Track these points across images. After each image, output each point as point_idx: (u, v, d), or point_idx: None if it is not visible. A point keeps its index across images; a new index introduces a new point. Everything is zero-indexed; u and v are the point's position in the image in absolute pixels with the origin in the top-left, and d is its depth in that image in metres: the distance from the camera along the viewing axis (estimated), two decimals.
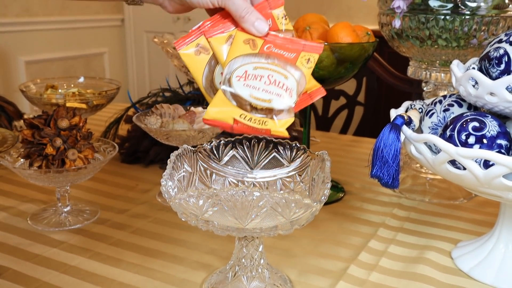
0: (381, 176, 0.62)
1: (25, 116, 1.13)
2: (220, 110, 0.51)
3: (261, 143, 0.66)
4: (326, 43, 0.79)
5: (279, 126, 0.51)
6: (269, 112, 0.51)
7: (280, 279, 0.63)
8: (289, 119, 0.52)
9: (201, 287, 0.64)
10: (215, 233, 0.54)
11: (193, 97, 1.11)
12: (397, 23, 0.82)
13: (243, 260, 0.60)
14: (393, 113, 0.70)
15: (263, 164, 0.66)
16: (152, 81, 3.55)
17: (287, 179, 0.65)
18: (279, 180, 0.65)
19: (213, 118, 0.51)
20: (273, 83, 0.51)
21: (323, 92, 0.55)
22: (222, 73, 0.52)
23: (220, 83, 0.53)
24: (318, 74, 0.81)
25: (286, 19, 0.56)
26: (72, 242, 0.74)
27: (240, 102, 0.51)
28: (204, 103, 1.08)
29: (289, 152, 0.65)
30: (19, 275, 0.66)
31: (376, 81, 1.65)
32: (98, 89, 1.15)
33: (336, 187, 0.95)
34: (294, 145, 0.65)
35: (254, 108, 0.51)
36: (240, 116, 0.51)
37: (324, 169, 0.59)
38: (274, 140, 0.66)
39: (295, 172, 0.65)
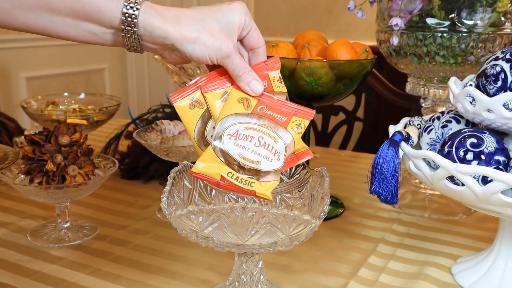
0: (380, 192, 0.62)
1: (26, 133, 1.14)
2: (208, 166, 0.52)
3: None
4: (325, 60, 0.80)
5: (265, 189, 0.52)
6: (256, 173, 0.52)
7: None
8: (274, 182, 0.53)
9: None
10: (215, 249, 0.54)
11: None
12: (395, 40, 0.83)
13: (243, 276, 0.60)
14: (392, 129, 0.70)
15: None
16: (152, 97, 3.57)
17: (287, 195, 0.65)
18: (279, 196, 0.65)
19: (200, 172, 0.52)
20: (262, 145, 0.52)
21: (310, 154, 0.56)
22: (214, 128, 0.53)
23: (211, 137, 0.54)
24: (318, 91, 0.81)
25: (281, 81, 0.57)
26: (72, 258, 0.74)
27: (228, 160, 0.52)
28: None
29: (288, 168, 0.66)
30: None
31: (375, 97, 1.66)
32: (98, 105, 1.16)
33: (336, 202, 0.95)
34: None
35: (241, 168, 0.52)
36: (228, 174, 0.52)
37: (323, 185, 0.59)
38: None
39: (295, 188, 0.65)
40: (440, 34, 0.82)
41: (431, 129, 0.68)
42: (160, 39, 0.51)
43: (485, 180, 0.56)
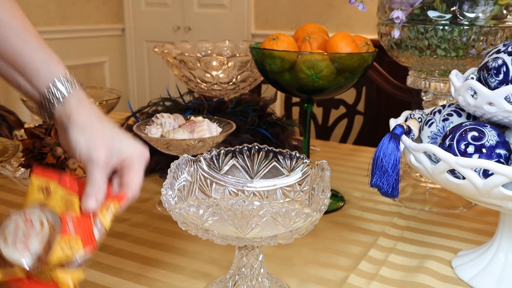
0: (381, 186, 0.62)
1: (26, 126, 1.14)
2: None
3: (261, 153, 0.66)
4: (325, 53, 0.80)
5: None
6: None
7: None
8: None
9: None
10: (215, 242, 0.54)
11: (193, 107, 1.11)
12: (396, 33, 0.82)
13: (243, 269, 0.60)
14: (393, 122, 0.70)
15: (263, 173, 0.66)
16: (153, 90, 3.56)
17: (287, 188, 0.65)
18: (279, 189, 0.65)
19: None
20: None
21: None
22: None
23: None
24: (318, 84, 0.81)
25: (110, 216, 0.54)
26: None
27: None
28: (204, 112, 1.08)
29: (289, 161, 0.66)
30: None
31: (375, 91, 1.65)
32: (98, 98, 1.15)
33: (336, 196, 0.95)
34: (294, 154, 0.66)
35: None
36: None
37: (324, 178, 0.59)
38: (274, 149, 0.66)
39: (295, 181, 0.65)
40: (441, 27, 0.81)
41: (432, 123, 0.67)
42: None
43: (486, 174, 0.56)
